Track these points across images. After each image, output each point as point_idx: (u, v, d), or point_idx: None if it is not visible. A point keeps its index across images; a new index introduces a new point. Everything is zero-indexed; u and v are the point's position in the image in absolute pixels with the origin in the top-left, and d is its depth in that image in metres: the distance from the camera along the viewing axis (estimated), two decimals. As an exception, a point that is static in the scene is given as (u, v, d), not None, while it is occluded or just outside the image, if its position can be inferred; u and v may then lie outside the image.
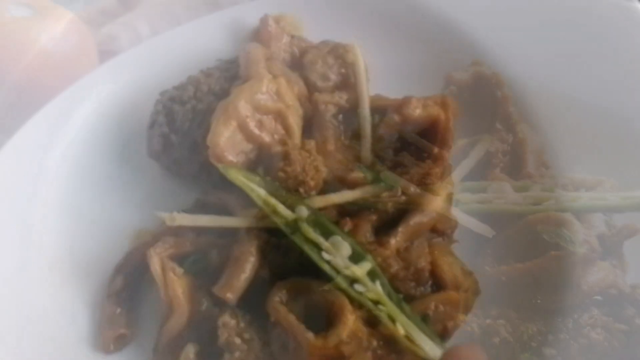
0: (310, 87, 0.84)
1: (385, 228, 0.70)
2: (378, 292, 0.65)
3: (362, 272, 0.65)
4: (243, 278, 0.68)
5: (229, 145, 0.74)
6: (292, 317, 0.64)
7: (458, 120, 0.78)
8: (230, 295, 0.68)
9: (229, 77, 0.83)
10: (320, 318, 0.65)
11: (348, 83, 0.85)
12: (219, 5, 1.07)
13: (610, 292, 0.65)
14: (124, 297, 0.76)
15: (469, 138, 0.82)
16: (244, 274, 0.68)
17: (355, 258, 0.66)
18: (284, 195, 0.71)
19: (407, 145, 0.79)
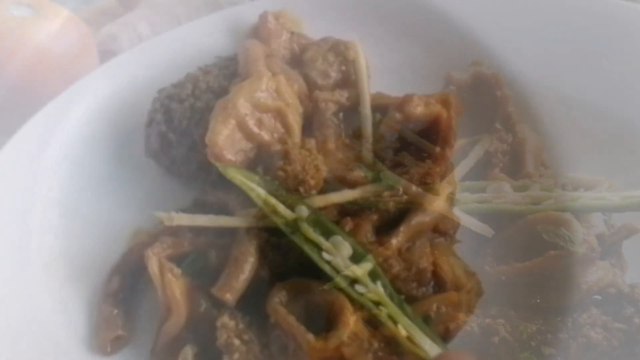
0: (311, 84, 0.82)
1: (387, 228, 0.68)
2: (379, 292, 0.63)
3: (363, 272, 0.64)
4: (242, 279, 0.66)
5: (228, 144, 0.72)
6: (292, 318, 0.63)
7: (460, 119, 0.77)
8: (229, 296, 0.66)
9: (228, 74, 0.82)
10: (321, 319, 0.63)
11: (349, 80, 0.83)
12: (219, 5, 1.05)
13: (609, 291, 0.64)
14: (121, 298, 0.74)
15: (469, 138, 0.80)
16: (243, 275, 0.66)
17: (356, 258, 0.65)
18: (284, 195, 0.69)
19: (407, 145, 0.77)
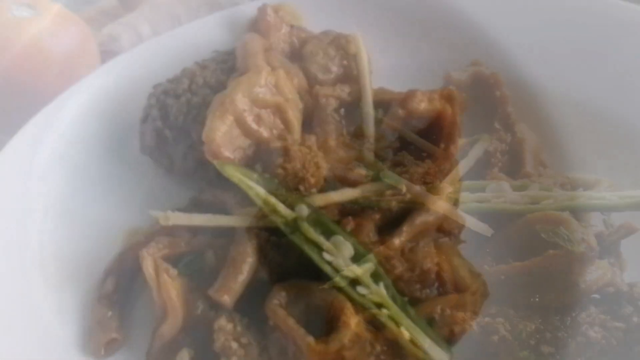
0: (311, 79, 0.79)
1: (389, 227, 0.64)
2: (382, 294, 0.60)
3: (364, 273, 0.60)
4: (240, 280, 0.63)
5: (226, 141, 0.68)
6: (291, 320, 0.59)
7: (465, 115, 0.74)
8: (227, 298, 0.63)
9: (226, 69, 0.78)
10: (321, 322, 0.60)
11: (350, 75, 0.79)
12: (220, 5, 1.03)
13: (608, 290, 0.62)
14: (116, 299, 0.71)
15: (468, 137, 0.77)
16: (241, 276, 0.63)
17: (358, 259, 0.61)
18: (283, 193, 0.66)
19: (406, 145, 0.74)
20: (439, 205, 0.64)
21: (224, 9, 0.95)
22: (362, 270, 0.60)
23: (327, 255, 0.61)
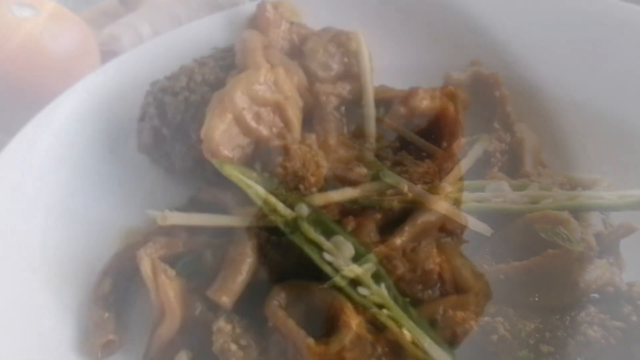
0: (311, 77, 0.77)
1: (391, 227, 0.63)
2: (383, 295, 0.58)
3: (365, 273, 0.59)
4: (239, 280, 0.61)
5: (225, 139, 0.67)
6: (291, 321, 0.58)
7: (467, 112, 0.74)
8: (226, 299, 0.61)
9: (225, 66, 0.76)
10: (322, 323, 0.59)
11: (351, 73, 0.77)
12: (220, 6, 1.01)
13: (607, 289, 0.61)
14: (112, 300, 0.69)
15: (468, 137, 0.75)
16: (240, 276, 0.62)
17: (358, 259, 0.60)
18: (283, 193, 0.65)
19: (406, 144, 0.72)
20: (441, 205, 0.63)
21: (224, 9, 0.93)
22: (362, 271, 0.58)
23: (327, 256, 0.59)
